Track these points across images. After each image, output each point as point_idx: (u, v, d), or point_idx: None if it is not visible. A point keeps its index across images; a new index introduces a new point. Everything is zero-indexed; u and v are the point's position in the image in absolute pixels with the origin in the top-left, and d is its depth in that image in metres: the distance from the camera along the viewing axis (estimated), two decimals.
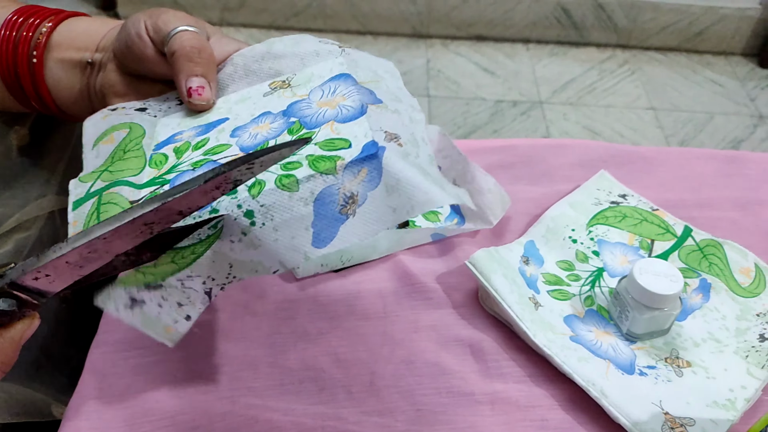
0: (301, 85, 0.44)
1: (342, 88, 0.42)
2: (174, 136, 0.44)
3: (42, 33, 0.47)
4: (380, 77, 0.43)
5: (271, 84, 0.46)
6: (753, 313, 0.53)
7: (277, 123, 0.42)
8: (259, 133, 0.41)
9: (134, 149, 0.43)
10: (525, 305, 0.51)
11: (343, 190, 0.36)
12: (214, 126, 0.44)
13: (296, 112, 0.42)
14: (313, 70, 0.45)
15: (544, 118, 1.73)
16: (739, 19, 1.92)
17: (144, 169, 0.42)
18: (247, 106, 0.45)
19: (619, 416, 0.45)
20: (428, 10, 1.93)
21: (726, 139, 1.70)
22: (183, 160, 0.41)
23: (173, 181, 0.39)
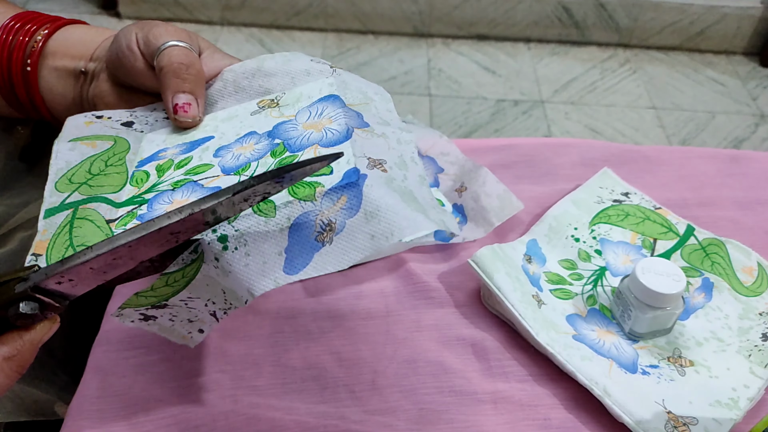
0: (290, 105, 0.44)
1: (329, 110, 0.41)
2: (158, 152, 0.44)
3: (37, 41, 0.47)
4: (370, 99, 0.43)
5: (260, 102, 0.45)
6: (756, 312, 0.52)
7: (261, 144, 0.41)
8: (242, 154, 0.40)
9: (117, 164, 0.43)
10: (528, 303, 0.51)
11: (320, 217, 0.35)
12: (198, 144, 0.43)
13: (281, 134, 0.41)
14: (302, 89, 0.44)
15: (545, 117, 1.73)
16: (740, 18, 1.92)
17: (124, 186, 0.41)
18: (233, 125, 0.44)
19: (623, 415, 0.45)
20: (429, 9, 1.92)
21: (727, 138, 1.70)
22: (164, 179, 0.41)
23: (151, 201, 0.39)
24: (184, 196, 0.38)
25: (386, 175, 0.37)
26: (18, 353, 0.31)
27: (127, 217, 0.38)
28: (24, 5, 1.92)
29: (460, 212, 0.61)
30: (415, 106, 1.73)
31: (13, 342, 0.31)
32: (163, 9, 1.93)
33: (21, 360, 0.31)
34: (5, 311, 0.30)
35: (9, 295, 0.30)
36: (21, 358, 0.31)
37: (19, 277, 0.30)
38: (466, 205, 0.61)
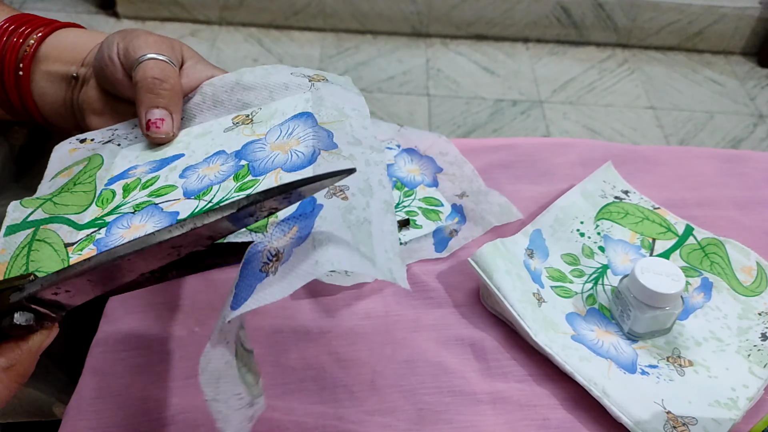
0: (263, 122, 0.43)
1: (299, 130, 0.40)
2: (128, 170, 0.43)
3: (30, 45, 0.47)
4: (345, 116, 0.41)
5: (235, 118, 0.44)
6: (755, 312, 0.52)
7: (227, 165, 0.40)
8: (207, 176, 0.40)
9: (86, 182, 0.42)
10: (527, 303, 0.51)
11: (268, 247, 0.33)
12: (168, 162, 0.43)
13: (248, 154, 0.40)
14: (278, 105, 0.44)
15: (543, 117, 1.73)
16: (738, 18, 1.92)
17: (89, 206, 0.40)
18: (205, 142, 0.43)
19: (621, 415, 0.45)
20: (428, 9, 1.92)
21: (726, 138, 1.70)
22: (128, 200, 0.40)
23: (111, 225, 0.38)
24: (142, 220, 0.37)
25: (345, 204, 0.35)
26: (16, 363, 0.31)
27: (85, 241, 0.37)
28: (22, 4, 1.91)
29: (459, 212, 0.61)
30: (413, 106, 1.73)
31: (10, 352, 0.31)
32: (162, 8, 1.92)
33: (20, 370, 0.31)
34: (0, 321, 0.30)
35: (3, 304, 0.29)
36: (20, 367, 0.31)
37: (14, 286, 0.30)
38: (465, 206, 0.61)
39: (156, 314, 0.52)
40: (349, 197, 0.35)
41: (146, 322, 0.51)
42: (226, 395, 0.32)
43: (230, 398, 0.32)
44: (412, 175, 0.64)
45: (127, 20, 1.93)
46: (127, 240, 0.35)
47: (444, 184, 0.63)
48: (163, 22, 1.93)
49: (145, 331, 0.50)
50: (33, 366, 0.32)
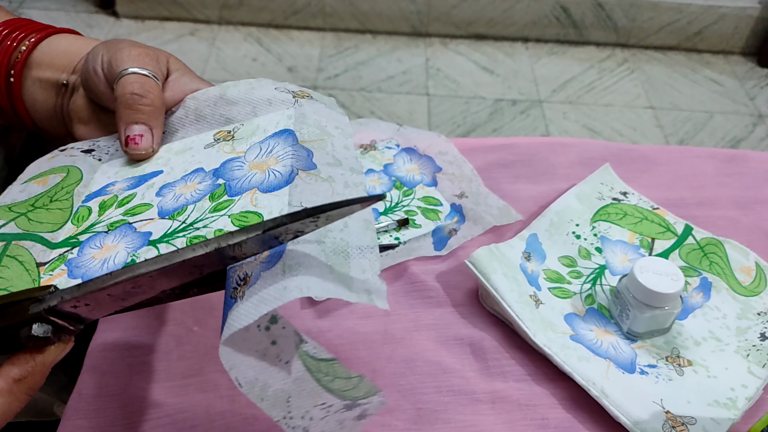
0: (244, 139, 0.42)
1: (279, 149, 0.39)
2: (106, 186, 0.42)
3: (21, 51, 0.47)
4: (327, 134, 0.41)
5: (216, 134, 0.44)
6: (754, 311, 0.52)
7: (204, 184, 0.39)
8: (183, 195, 0.39)
9: (63, 198, 0.42)
10: (525, 304, 0.51)
11: (238, 272, 0.32)
12: (146, 179, 0.42)
13: (226, 173, 0.40)
14: (260, 121, 0.43)
15: (543, 116, 1.73)
16: (738, 18, 1.92)
17: (65, 224, 0.40)
18: (184, 159, 0.43)
19: (620, 415, 0.45)
20: (428, 8, 1.92)
21: (725, 138, 1.70)
22: (103, 218, 0.40)
23: (84, 245, 0.38)
24: (115, 240, 0.37)
25: (320, 229, 0.33)
26: (29, 375, 0.30)
27: (57, 261, 0.37)
28: (21, 3, 1.91)
29: (458, 212, 0.61)
30: (413, 105, 1.73)
31: (24, 364, 0.30)
32: (161, 8, 1.92)
33: (32, 382, 0.31)
34: (17, 331, 0.29)
35: (23, 315, 0.29)
36: (32, 380, 0.31)
37: (33, 297, 0.29)
38: (464, 205, 0.61)
39: (155, 314, 0.52)
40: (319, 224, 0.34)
41: (145, 322, 0.51)
42: (302, 410, 0.32)
43: (310, 410, 0.32)
44: (411, 174, 0.64)
45: (127, 20, 1.93)
46: (98, 261, 0.36)
47: (443, 184, 0.63)
48: (162, 22, 1.93)
49: (144, 331, 0.50)
50: (44, 379, 0.31)
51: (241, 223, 0.35)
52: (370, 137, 0.68)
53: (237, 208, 0.36)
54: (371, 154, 0.66)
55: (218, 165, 0.40)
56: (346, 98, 1.73)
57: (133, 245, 0.36)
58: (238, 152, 0.41)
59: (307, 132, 0.40)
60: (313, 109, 0.42)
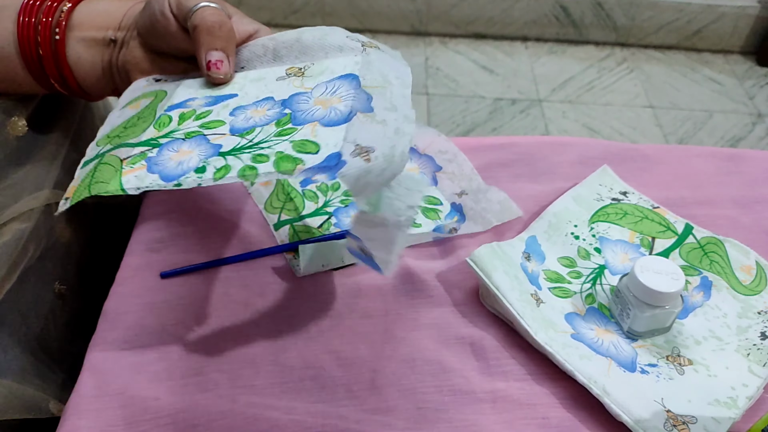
0: (313, 77, 0.46)
1: (343, 90, 0.44)
2: (187, 101, 0.47)
3: (63, 12, 0.49)
4: (388, 83, 0.44)
5: (288, 69, 0.48)
6: (754, 311, 0.52)
7: (273, 111, 0.44)
8: (253, 118, 0.44)
9: (147, 116, 0.46)
10: (526, 302, 0.51)
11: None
12: (222, 99, 0.46)
13: (293, 104, 0.44)
14: (329, 63, 0.47)
15: (543, 116, 1.73)
16: (737, 17, 1.92)
17: (147, 129, 0.44)
18: (258, 87, 0.47)
19: (621, 414, 0.45)
20: (427, 7, 1.92)
21: (725, 137, 1.70)
22: (182, 127, 0.44)
23: (162, 147, 0.42)
24: (190, 147, 0.42)
25: (366, 166, 0.38)
26: None
27: (138, 157, 0.41)
28: None
29: (458, 211, 0.61)
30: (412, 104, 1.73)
31: None
32: None
33: None
34: None
35: None
36: None
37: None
38: (465, 204, 0.61)
39: (155, 313, 0.51)
40: (371, 160, 0.38)
41: (145, 321, 0.51)
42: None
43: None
44: (411, 173, 0.64)
45: None
46: (174, 162, 0.40)
47: (443, 183, 0.63)
48: None
49: (143, 330, 0.50)
50: None
51: (300, 149, 0.39)
52: None
53: (299, 136, 0.40)
54: None
55: (287, 96, 0.45)
56: None
57: (205, 153, 0.41)
58: (306, 88, 0.45)
59: (370, 78, 0.44)
60: (378, 58, 0.46)
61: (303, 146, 0.39)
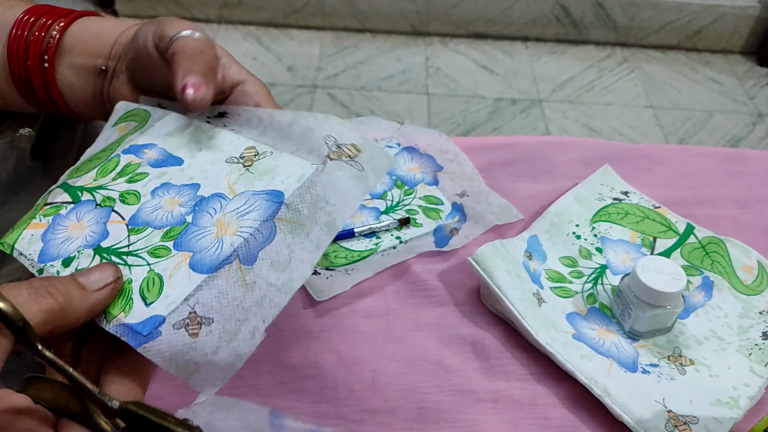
0: (254, 175, 0.39)
1: (252, 215, 0.37)
2: (147, 146, 0.42)
3: (53, 36, 0.47)
4: (312, 221, 0.37)
5: (247, 150, 0.41)
6: (756, 310, 0.52)
7: (180, 210, 0.38)
8: (160, 209, 0.38)
9: (106, 150, 0.43)
10: (528, 302, 0.50)
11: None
12: (166, 163, 0.41)
13: (200, 213, 0.37)
14: (282, 162, 0.39)
15: (543, 116, 1.73)
16: (737, 18, 1.92)
17: (91, 171, 0.41)
18: (205, 160, 0.41)
19: (623, 414, 0.45)
20: (427, 7, 1.92)
21: (725, 137, 1.70)
22: (112, 184, 0.40)
23: (75, 207, 0.39)
24: (90, 221, 0.38)
25: (188, 342, 0.33)
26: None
27: (53, 208, 0.39)
28: None
29: (459, 211, 0.60)
30: (413, 104, 1.73)
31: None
32: (160, 6, 1.92)
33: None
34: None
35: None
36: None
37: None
38: (466, 204, 0.61)
39: None
40: (201, 335, 0.33)
41: None
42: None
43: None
44: (412, 173, 0.64)
45: (126, 18, 1.93)
46: (60, 239, 0.37)
47: (444, 183, 0.63)
48: None
49: None
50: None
51: (148, 288, 0.34)
52: (371, 136, 0.68)
53: (162, 267, 0.35)
54: None
55: (207, 195, 0.38)
56: (345, 97, 1.73)
57: (90, 239, 0.37)
58: (232, 190, 0.38)
59: (293, 207, 0.37)
60: (332, 180, 0.38)
61: (153, 286, 0.34)
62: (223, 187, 0.39)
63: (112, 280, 0.33)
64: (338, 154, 0.40)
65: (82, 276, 0.33)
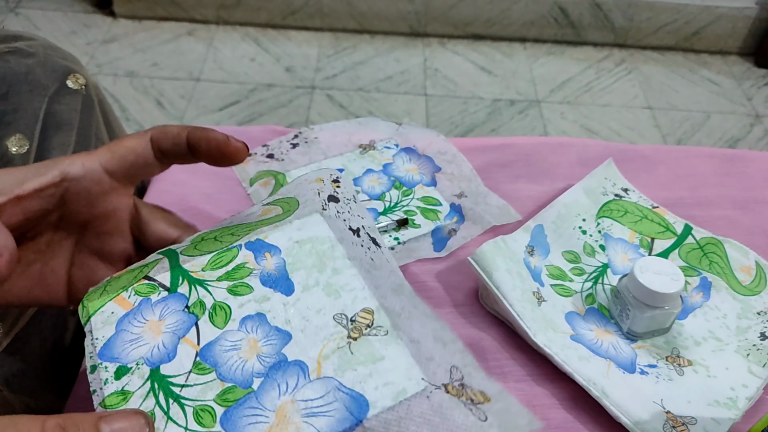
0: (354, 357, 0.33)
1: (322, 415, 0.32)
2: (271, 248, 0.38)
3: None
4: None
5: (361, 313, 0.35)
6: (754, 311, 0.52)
7: (251, 366, 0.33)
8: (234, 358, 0.34)
9: (227, 235, 0.39)
10: (527, 302, 0.50)
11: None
12: (275, 286, 0.36)
13: (273, 376, 0.33)
14: (389, 355, 0.33)
15: (541, 117, 1.73)
16: (735, 19, 1.92)
17: (202, 256, 0.37)
18: (309, 307, 0.36)
19: (621, 415, 0.44)
20: (426, 8, 1.92)
21: (723, 138, 1.70)
22: (216, 281, 0.36)
23: (166, 299, 0.35)
24: (168, 328, 0.34)
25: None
26: None
27: (147, 288, 0.35)
28: (18, 4, 1.91)
29: (457, 212, 0.60)
30: (411, 105, 1.73)
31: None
32: (159, 8, 1.92)
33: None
34: None
35: None
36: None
37: None
38: (464, 205, 0.61)
39: None
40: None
41: None
42: None
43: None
44: (410, 174, 0.64)
45: (124, 19, 1.93)
46: (133, 337, 0.33)
47: (442, 184, 0.63)
48: (159, 21, 1.92)
49: None
50: None
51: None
52: (369, 137, 0.68)
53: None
54: (370, 154, 0.66)
55: (291, 359, 0.33)
56: (343, 98, 1.73)
57: (153, 355, 0.33)
58: (320, 369, 0.33)
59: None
60: (436, 419, 0.31)
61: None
62: (311, 357, 0.33)
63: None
64: (459, 393, 0.33)
65: (108, 423, 0.28)
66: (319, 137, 0.68)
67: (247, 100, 1.66)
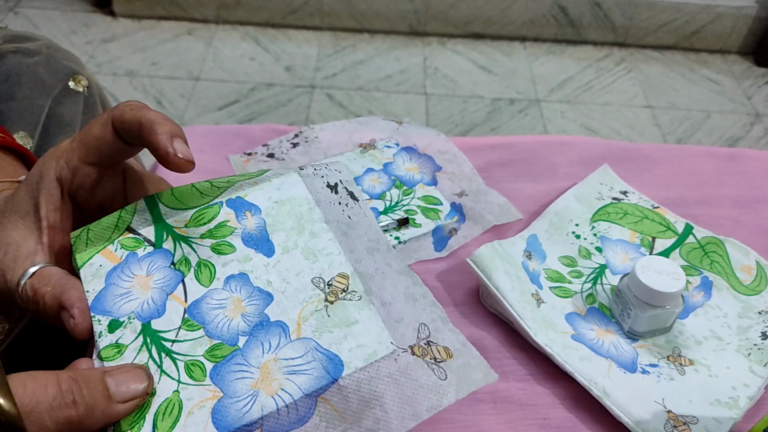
0: (330, 319, 0.35)
1: (301, 373, 0.34)
2: (252, 207, 0.39)
3: None
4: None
5: (337, 277, 0.37)
6: (755, 310, 0.52)
7: (236, 324, 0.35)
8: (219, 313, 0.35)
9: (212, 189, 0.40)
10: (527, 303, 0.50)
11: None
12: (257, 246, 0.38)
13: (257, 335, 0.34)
14: (362, 319, 0.35)
15: (541, 116, 1.73)
16: (735, 18, 1.92)
17: (188, 210, 0.39)
18: (289, 269, 0.37)
19: (622, 415, 0.44)
20: (425, 7, 1.92)
21: (723, 137, 1.71)
22: (199, 239, 0.38)
23: (152, 254, 0.37)
24: (157, 281, 0.36)
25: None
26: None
27: (134, 242, 0.37)
28: (17, 3, 1.90)
29: (458, 211, 0.60)
30: (411, 104, 1.72)
31: None
32: (158, 7, 1.91)
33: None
34: None
35: None
36: None
37: None
38: (465, 204, 0.61)
39: None
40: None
41: None
42: None
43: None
44: (411, 173, 0.64)
45: (124, 19, 1.92)
46: (122, 291, 0.35)
47: (443, 183, 0.63)
48: (159, 21, 1.92)
49: None
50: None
51: (156, 418, 0.32)
52: (370, 136, 0.68)
53: (187, 393, 0.32)
54: (371, 153, 0.66)
55: (273, 319, 0.35)
56: (343, 97, 1.73)
57: (143, 310, 0.34)
58: (300, 330, 0.34)
59: (345, 392, 0.33)
60: (401, 379, 0.34)
61: (168, 416, 0.32)
62: (291, 318, 0.35)
63: (140, 392, 0.31)
64: (424, 352, 0.35)
65: (113, 377, 0.30)
66: (319, 136, 0.68)
67: (246, 100, 1.66)
